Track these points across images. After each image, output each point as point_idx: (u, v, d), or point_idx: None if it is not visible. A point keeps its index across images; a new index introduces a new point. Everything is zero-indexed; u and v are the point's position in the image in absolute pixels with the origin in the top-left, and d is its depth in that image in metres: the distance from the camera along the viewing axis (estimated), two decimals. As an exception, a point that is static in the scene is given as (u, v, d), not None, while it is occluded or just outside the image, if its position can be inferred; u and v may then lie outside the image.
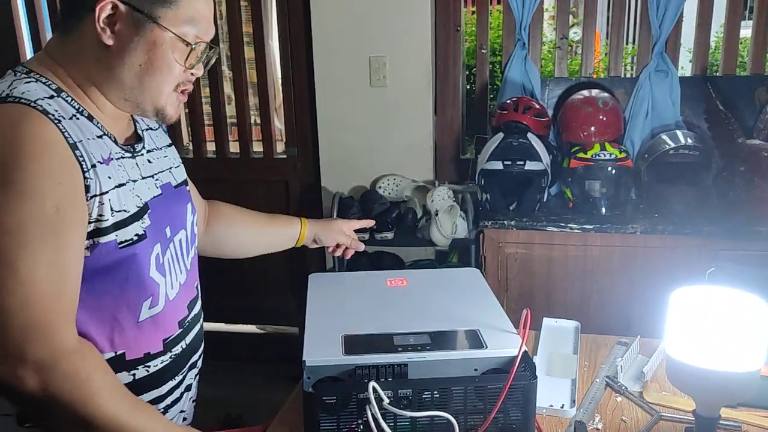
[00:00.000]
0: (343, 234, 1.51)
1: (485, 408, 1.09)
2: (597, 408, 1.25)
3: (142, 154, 1.09)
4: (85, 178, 0.92)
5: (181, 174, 1.21)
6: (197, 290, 1.21)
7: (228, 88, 3.24)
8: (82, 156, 0.92)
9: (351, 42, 2.81)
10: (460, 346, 1.18)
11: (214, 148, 3.26)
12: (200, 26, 1.02)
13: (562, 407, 1.23)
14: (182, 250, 1.14)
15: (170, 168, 1.17)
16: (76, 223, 0.91)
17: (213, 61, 1.08)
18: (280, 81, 3.21)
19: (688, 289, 1.04)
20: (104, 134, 1.01)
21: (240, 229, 1.45)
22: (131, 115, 1.11)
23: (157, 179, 1.11)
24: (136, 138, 1.11)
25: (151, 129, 1.17)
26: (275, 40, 3.15)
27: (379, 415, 1.05)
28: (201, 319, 1.22)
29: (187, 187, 1.23)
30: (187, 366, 1.16)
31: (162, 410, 1.10)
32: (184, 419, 1.21)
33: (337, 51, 2.83)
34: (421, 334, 1.18)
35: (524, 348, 1.12)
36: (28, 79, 0.95)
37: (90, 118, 0.99)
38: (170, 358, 1.09)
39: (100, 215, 0.95)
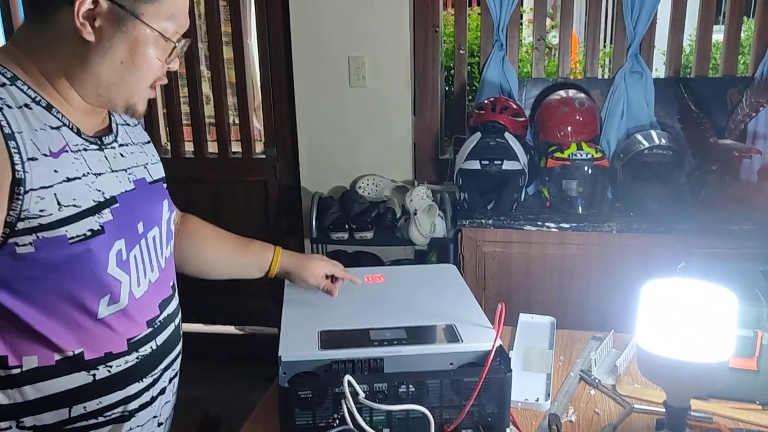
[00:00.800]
0: (315, 278, 1.39)
1: (461, 402, 1.10)
2: (571, 401, 1.27)
3: (112, 147, 1.06)
4: (15, 171, 0.88)
5: (158, 171, 1.18)
6: (173, 290, 1.17)
7: (206, 88, 3.22)
8: (16, 148, 0.89)
9: (330, 42, 2.81)
10: (435, 341, 1.19)
11: (193, 148, 3.24)
12: (179, 21, 1.01)
13: (537, 401, 1.24)
14: (155, 248, 1.11)
15: (146, 164, 1.14)
16: None
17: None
18: (259, 81, 3.20)
19: (659, 282, 1.06)
20: (64, 125, 0.97)
21: (207, 250, 1.38)
22: (108, 111, 1.09)
23: (130, 173, 1.07)
24: (108, 132, 1.08)
25: (127, 125, 1.15)
26: (254, 40, 3.14)
27: (354, 410, 1.05)
28: (176, 320, 1.17)
29: (164, 185, 1.20)
30: (160, 369, 1.11)
31: (128, 413, 1.05)
32: (160, 424, 1.16)
33: (316, 51, 2.84)
34: (397, 329, 1.19)
35: (499, 342, 1.14)
36: None
37: (48, 108, 0.95)
38: (137, 358, 1.05)
39: (42, 210, 0.91)
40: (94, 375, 1.00)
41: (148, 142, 1.20)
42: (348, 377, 1.06)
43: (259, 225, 3.22)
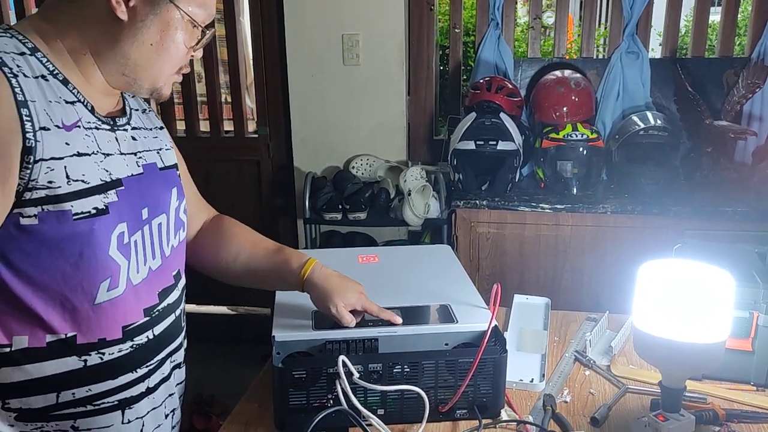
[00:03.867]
0: (335, 307, 1.14)
1: (455, 382, 1.10)
2: (566, 382, 1.26)
3: (124, 130, 1.05)
4: (26, 138, 0.87)
5: (170, 158, 1.16)
6: (175, 279, 1.13)
7: (198, 66, 3.18)
8: (29, 115, 0.88)
9: (324, 19, 2.77)
10: (430, 321, 1.18)
11: (184, 127, 3.20)
12: (208, 10, 1.02)
13: (532, 381, 1.24)
14: (160, 235, 1.08)
15: (159, 149, 1.13)
16: None
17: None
18: (251, 59, 3.16)
19: (656, 263, 1.05)
20: (78, 101, 0.96)
21: (225, 249, 1.26)
22: (122, 94, 1.08)
23: (139, 157, 1.06)
24: (122, 114, 1.07)
25: (141, 110, 1.13)
26: (246, 17, 3.10)
27: (348, 389, 1.05)
28: (178, 311, 1.13)
29: (177, 172, 1.17)
30: (156, 360, 1.07)
31: (116, 402, 1.02)
32: (166, 416, 1.12)
33: (309, 29, 2.80)
34: (392, 309, 1.18)
35: (494, 322, 1.13)
36: (3, 35, 0.92)
37: (65, 82, 0.95)
38: (131, 347, 1.02)
39: (51, 182, 0.90)
40: (85, 361, 0.97)
41: (162, 128, 1.18)
42: (342, 357, 1.05)
43: (252, 205, 3.21)
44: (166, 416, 1.13)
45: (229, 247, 1.26)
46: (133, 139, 1.06)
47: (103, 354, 0.99)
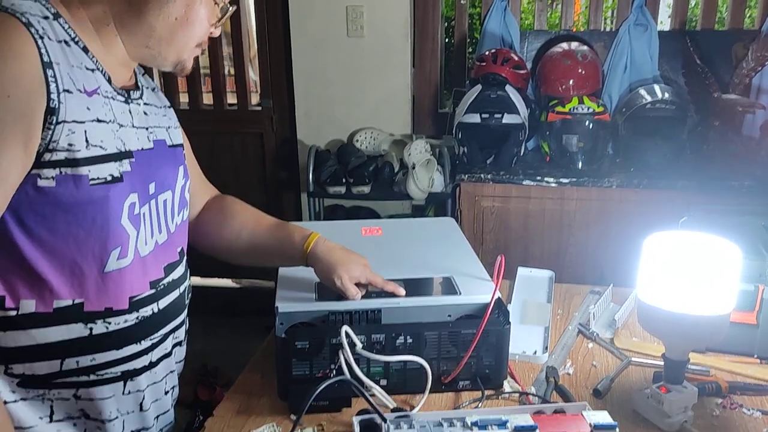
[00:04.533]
0: (345, 283, 1.13)
1: (458, 353, 1.10)
2: (569, 354, 1.26)
3: (138, 104, 1.05)
4: (50, 99, 0.88)
5: (177, 137, 1.16)
6: (180, 256, 1.13)
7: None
8: (53, 77, 0.88)
9: (327, -10, 2.73)
10: (433, 293, 1.18)
11: (188, 100, 3.18)
12: None
13: (535, 353, 1.24)
14: (165, 211, 1.09)
15: (168, 127, 1.13)
16: (12, 139, 0.86)
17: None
18: (254, 30, 3.12)
19: (662, 235, 1.04)
20: (97, 69, 0.96)
21: (227, 226, 1.26)
22: (135, 70, 1.08)
23: (150, 132, 1.07)
24: (135, 88, 1.07)
25: (150, 88, 1.14)
26: (250, -12, 3.06)
27: (351, 360, 1.05)
28: (182, 287, 1.13)
29: (183, 151, 1.18)
30: (160, 333, 1.08)
31: (119, 374, 1.02)
32: (166, 392, 1.13)
33: (313, 0, 2.76)
34: (396, 281, 1.18)
35: (498, 294, 1.13)
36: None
37: (85, 50, 0.95)
38: (136, 319, 1.02)
39: (71, 144, 0.90)
40: (91, 329, 0.98)
41: (170, 107, 1.19)
42: (345, 328, 1.05)
43: (255, 178, 3.20)
44: (166, 392, 1.14)
45: (232, 224, 1.26)
46: (145, 114, 1.07)
47: (109, 323, 0.99)
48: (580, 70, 2.54)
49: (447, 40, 3.37)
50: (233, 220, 1.27)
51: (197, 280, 3.34)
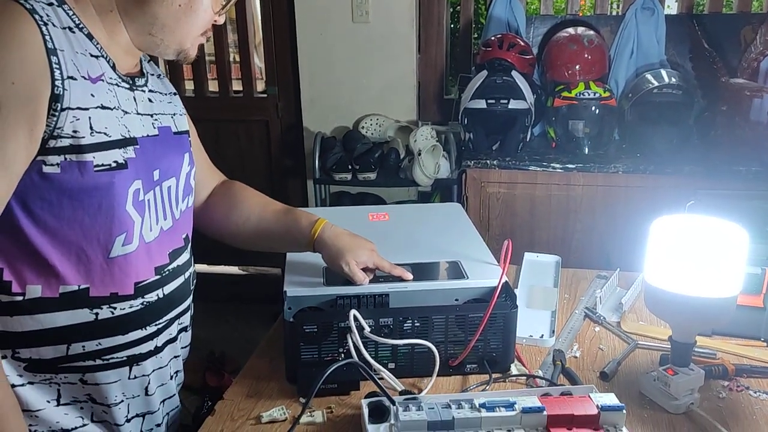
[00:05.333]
0: (353, 268, 1.14)
1: (465, 337, 1.11)
2: (576, 338, 1.27)
3: (143, 91, 1.05)
4: (54, 85, 0.88)
5: (183, 124, 1.16)
6: (185, 242, 1.14)
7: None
8: (57, 63, 0.89)
9: (332, -24, 2.72)
10: (440, 277, 1.19)
11: (193, 87, 3.18)
12: None
13: (542, 337, 1.25)
14: (170, 198, 1.09)
15: (174, 114, 1.14)
16: (17, 126, 0.86)
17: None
18: (259, 17, 3.12)
19: (669, 218, 1.04)
20: (101, 56, 0.97)
21: (235, 212, 1.26)
22: (141, 57, 1.08)
23: (155, 119, 1.07)
24: (140, 75, 1.07)
25: (156, 75, 1.14)
26: (254, -25, 3.05)
27: (360, 343, 1.06)
28: (187, 274, 1.13)
29: (189, 138, 1.18)
30: (165, 319, 1.08)
31: (125, 358, 1.02)
32: (171, 377, 1.13)
33: (318, -15, 2.75)
34: (403, 265, 1.18)
35: (505, 278, 1.13)
36: None
37: (89, 36, 0.95)
38: (141, 305, 1.02)
39: (75, 131, 0.90)
40: (96, 314, 0.98)
41: (176, 94, 1.19)
42: (354, 311, 1.06)
43: (261, 165, 3.20)
44: (171, 377, 1.15)
45: (239, 209, 1.27)
46: (150, 101, 1.07)
47: (115, 309, 1.00)
48: (586, 55, 2.53)
49: (452, 25, 3.35)
50: (241, 205, 1.27)
51: (204, 268, 3.37)
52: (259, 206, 1.27)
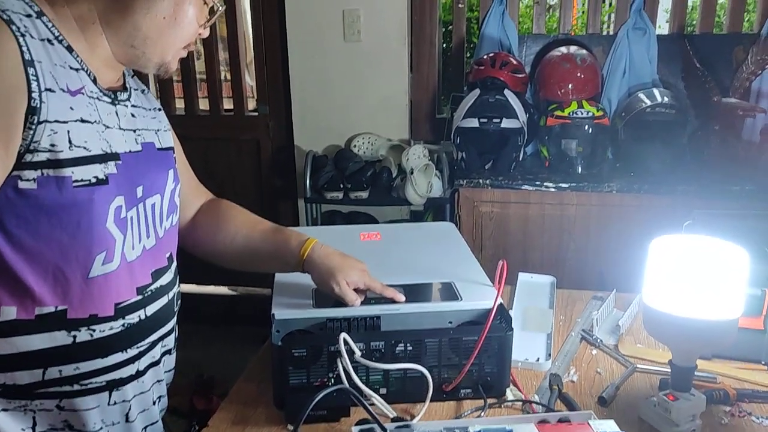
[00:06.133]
0: (343, 289, 1.10)
1: (460, 361, 1.07)
2: (572, 361, 1.24)
3: (125, 105, 1.02)
4: (31, 98, 0.85)
5: (167, 140, 1.13)
6: (169, 262, 1.10)
7: (197, 43, 3.13)
8: (35, 75, 0.86)
9: (324, -5, 2.72)
10: (434, 298, 1.15)
11: (183, 105, 3.16)
12: None
13: (538, 360, 1.21)
14: (154, 215, 1.06)
15: (157, 130, 1.11)
16: None
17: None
18: (251, 35, 3.11)
19: (668, 238, 1.02)
20: (82, 69, 0.94)
21: (222, 231, 1.23)
22: (124, 72, 1.05)
23: (138, 135, 1.04)
24: (123, 89, 1.04)
25: (140, 90, 1.11)
26: (246, -6, 3.04)
27: (350, 368, 1.02)
28: (171, 294, 1.10)
29: (173, 155, 1.15)
30: (147, 341, 1.04)
31: (104, 383, 0.98)
32: (154, 402, 1.09)
33: (309, 4, 2.74)
34: (395, 286, 1.15)
35: (500, 300, 1.10)
36: None
37: (69, 49, 0.93)
38: (122, 326, 0.98)
39: (53, 145, 0.87)
40: (74, 336, 0.94)
41: (160, 109, 1.16)
42: (344, 335, 1.02)
43: (251, 184, 3.17)
44: (154, 402, 1.10)
45: (226, 228, 1.23)
46: (133, 116, 1.04)
47: (94, 331, 0.96)
48: (579, 74, 2.53)
49: (445, 44, 3.36)
50: (228, 224, 1.23)
51: (193, 288, 3.32)
52: (247, 225, 1.24)
